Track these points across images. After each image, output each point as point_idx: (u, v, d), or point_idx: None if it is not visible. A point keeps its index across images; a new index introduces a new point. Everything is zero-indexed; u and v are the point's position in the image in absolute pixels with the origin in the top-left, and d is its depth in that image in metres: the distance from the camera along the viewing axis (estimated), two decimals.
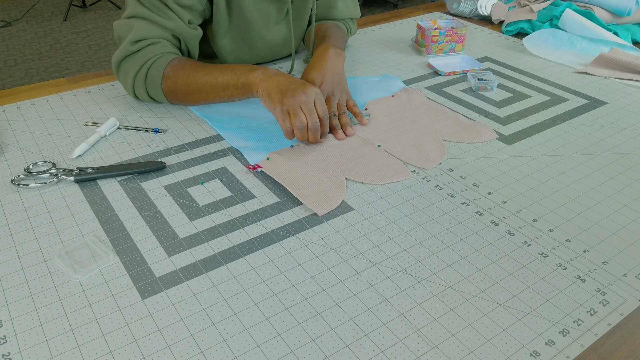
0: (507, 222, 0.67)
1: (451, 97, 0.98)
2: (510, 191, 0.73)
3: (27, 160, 0.77)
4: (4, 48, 3.40)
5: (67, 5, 3.99)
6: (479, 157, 0.80)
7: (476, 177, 0.75)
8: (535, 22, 1.29)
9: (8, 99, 0.94)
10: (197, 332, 0.51)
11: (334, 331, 0.52)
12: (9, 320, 0.52)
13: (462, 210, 0.69)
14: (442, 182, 0.74)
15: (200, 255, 0.61)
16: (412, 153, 0.80)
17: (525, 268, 0.60)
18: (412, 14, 1.43)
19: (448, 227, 0.66)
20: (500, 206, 0.70)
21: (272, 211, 0.68)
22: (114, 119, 0.85)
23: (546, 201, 0.71)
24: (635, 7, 1.25)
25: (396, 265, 0.60)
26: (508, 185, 0.74)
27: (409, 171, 0.75)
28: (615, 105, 0.96)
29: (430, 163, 0.78)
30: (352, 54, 1.16)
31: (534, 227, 0.66)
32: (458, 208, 0.69)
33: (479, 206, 0.70)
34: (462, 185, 0.74)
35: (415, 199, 0.71)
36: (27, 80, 3.00)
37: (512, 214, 0.68)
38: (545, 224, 0.67)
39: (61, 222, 0.65)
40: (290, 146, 0.80)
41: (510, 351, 0.50)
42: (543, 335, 0.52)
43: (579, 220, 0.67)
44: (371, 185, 0.73)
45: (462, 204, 0.70)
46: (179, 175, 0.74)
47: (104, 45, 3.51)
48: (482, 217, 0.68)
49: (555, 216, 0.68)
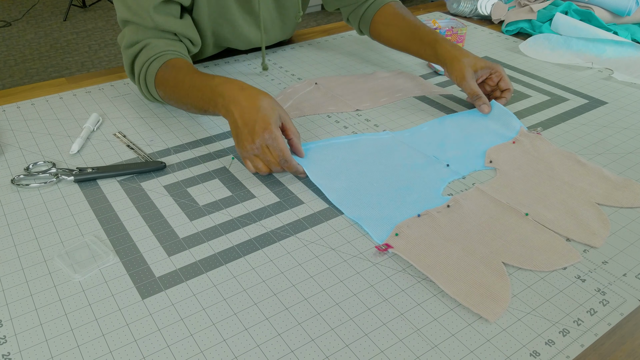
0: None
1: (451, 96, 0.98)
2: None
3: (27, 160, 0.77)
4: (4, 48, 3.40)
5: (67, 5, 3.99)
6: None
7: (476, 176, 0.76)
8: (535, 22, 1.29)
9: (8, 99, 0.94)
10: (197, 332, 0.51)
11: (334, 331, 0.52)
12: (9, 320, 0.52)
13: None
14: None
15: (200, 255, 0.61)
16: (569, 224, 0.65)
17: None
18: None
19: None
20: None
21: (272, 211, 0.68)
22: (95, 114, 0.86)
23: None
24: (635, 7, 1.25)
25: (396, 265, 0.60)
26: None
27: (578, 253, 0.61)
28: (615, 105, 0.96)
29: (597, 239, 0.64)
30: (352, 54, 1.16)
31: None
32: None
33: None
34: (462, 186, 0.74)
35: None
36: (27, 80, 3.00)
37: None
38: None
39: (61, 222, 0.65)
40: (418, 215, 0.66)
41: (510, 351, 0.50)
42: (543, 335, 0.52)
43: None
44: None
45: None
46: (179, 175, 0.74)
47: (104, 45, 3.51)
48: None
49: None
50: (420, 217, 0.66)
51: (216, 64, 1.09)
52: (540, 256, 0.61)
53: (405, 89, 0.99)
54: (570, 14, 1.26)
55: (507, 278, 0.57)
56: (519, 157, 0.79)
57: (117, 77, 1.03)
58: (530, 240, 0.63)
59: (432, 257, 0.60)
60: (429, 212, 0.66)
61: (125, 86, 0.99)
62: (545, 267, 0.59)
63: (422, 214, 0.66)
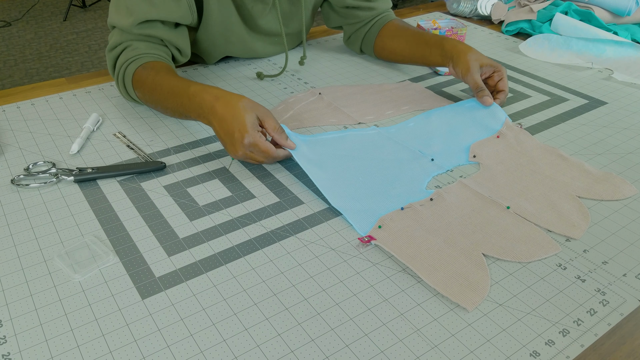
0: None
1: (451, 97, 0.98)
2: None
3: (27, 160, 0.77)
4: (4, 48, 3.40)
5: (67, 5, 3.99)
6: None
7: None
8: (535, 22, 1.29)
9: (8, 99, 0.94)
10: (197, 332, 0.51)
11: (334, 331, 0.52)
12: (9, 320, 0.52)
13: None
14: (442, 183, 0.74)
15: (200, 255, 0.61)
16: (550, 216, 0.67)
17: (525, 268, 0.60)
18: (412, 14, 1.43)
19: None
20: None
21: (272, 211, 0.68)
22: (95, 114, 0.86)
23: None
24: (635, 7, 1.25)
25: (396, 265, 0.60)
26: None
27: (557, 244, 0.63)
28: (615, 105, 0.96)
29: (576, 230, 0.65)
30: (352, 54, 1.16)
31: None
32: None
33: None
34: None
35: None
36: (27, 80, 3.00)
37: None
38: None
39: (61, 222, 0.65)
40: (401, 208, 0.67)
41: (510, 351, 0.50)
42: (543, 335, 0.52)
43: None
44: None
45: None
46: (178, 175, 0.74)
47: (103, 45, 3.51)
48: None
49: None
50: (404, 210, 0.67)
51: (216, 64, 1.09)
52: (520, 247, 0.62)
53: (412, 102, 0.95)
54: (570, 14, 1.26)
55: (487, 269, 0.59)
56: (502, 151, 0.80)
57: None
58: (511, 232, 0.64)
59: (414, 248, 0.61)
60: (412, 205, 0.68)
61: None
62: (524, 258, 0.60)
63: (406, 207, 0.67)
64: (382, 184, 0.72)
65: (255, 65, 1.09)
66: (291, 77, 1.04)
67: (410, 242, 0.62)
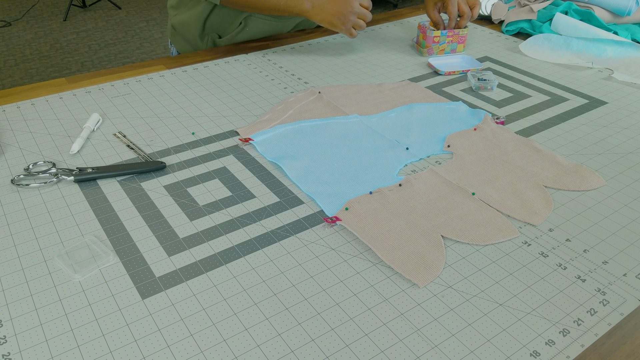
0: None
1: (451, 97, 0.98)
2: None
3: (27, 160, 0.77)
4: (4, 48, 3.40)
5: (67, 5, 4.00)
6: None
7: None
8: (535, 22, 1.29)
9: (8, 99, 0.94)
10: (197, 332, 0.51)
11: (334, 331, 0.52)
12: (9, 320, 0.52)
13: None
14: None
15: (200, 255, 0.61)
16: (513, 203, 0.69)
17: (525, 268, 0.60)
18: (412, 14, 1.43)
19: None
20: None
21: (272, 211, 0.68)
22: (95, 114, 0.86)
23: None
24: (635, 7, 1.25)
25: None
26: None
27: (516, 229, 0.64)
28: (615, 105, 0.96)
29: (537, 217, 0.67)
30: (351, 54, 1.16)
31: (534, 227, 0.66)
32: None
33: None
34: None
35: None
36: (27, 80, 3.01)
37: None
38: (545, 223, 0.67)
39: (61, 222, 0.65)
40: (370, 192, 0.69)
41: (510, 351, 0.50)
42: (543, 335, 0.52)
43: (579, 220, 0.67)
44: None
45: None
46: (179, 175, 0.74)
47: (104, 45, 3.51)
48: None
49: (555, 216, 0.68)
50: (372, 194, 0.69)
51: (216, 64, 1.09)
52: (479, 230, 0.64)
53: (411, 102, 0.95)
54: (570, 14, 1.26)
55: (443, 249, 0.61)
56: (477, 142, 0.82)
57: (117, 77, 1.03)
58: (472, 217, 0.66)
59: (376, 230, 0.63)
60: (381, 189, 0.70)
61: (125, 86, 0.99)
62: (481, 241, 0.63)
63: (374, 191, 0.70)
64: (356, 170, 0.75)
65: (261, 69, 1.09)
66: (291, 77, 1.04)
67: (374, 223, 0.64)
